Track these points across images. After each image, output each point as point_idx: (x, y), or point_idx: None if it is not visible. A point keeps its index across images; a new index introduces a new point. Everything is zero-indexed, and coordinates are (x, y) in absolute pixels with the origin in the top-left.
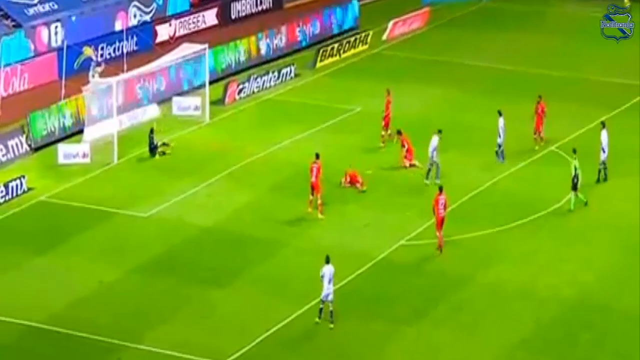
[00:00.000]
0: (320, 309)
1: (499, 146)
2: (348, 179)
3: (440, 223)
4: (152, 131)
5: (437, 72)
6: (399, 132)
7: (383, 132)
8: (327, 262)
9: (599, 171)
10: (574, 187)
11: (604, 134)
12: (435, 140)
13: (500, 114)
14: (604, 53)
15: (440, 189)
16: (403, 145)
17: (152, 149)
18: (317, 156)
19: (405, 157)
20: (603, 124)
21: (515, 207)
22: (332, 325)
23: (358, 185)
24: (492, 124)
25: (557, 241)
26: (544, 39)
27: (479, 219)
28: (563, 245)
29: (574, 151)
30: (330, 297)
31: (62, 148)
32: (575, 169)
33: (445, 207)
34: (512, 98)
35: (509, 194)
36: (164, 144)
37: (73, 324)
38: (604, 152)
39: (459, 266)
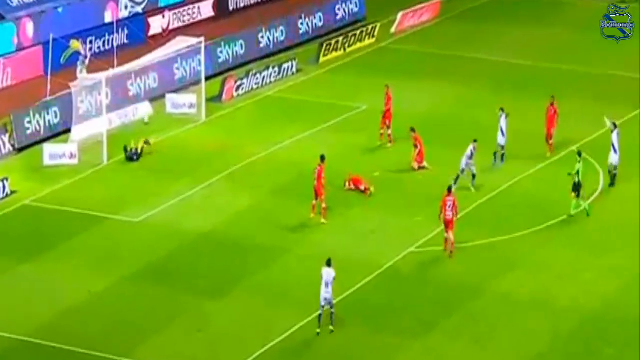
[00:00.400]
0: (319, 316)
1: (502, 147)
2: (351, 185)
3: (448, 225)
4: (125, 149)
5: (448, 67)
6: (412, 130)
7: (389, 131)
8: (328, 265)
9: (614, 176)
10: (578, 193)
11: (615, 136)
12: (469, 149)
13: (502, 110)
14: (627, 47)
15: (449, 190)
16: (415, 146)
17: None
18: (322, 158)
19: (416, 159)
20: (615, 125)
21: (533, 211)
22: (332, 328)
23: (361, 187)
24: (510, 120)
25: (577, 248)
26: (562, 32)
27: (494, 223)
28: (583, 252)
29: (579, 154)
30: (330, 303)
31: (48, 148)
32: (578, 173)
33: (453, 209)
34: (528, 95)
35: (526, 197)
36: (145, 142)
37: (60, 336)
38: (615, 154)
39: (471, 275)
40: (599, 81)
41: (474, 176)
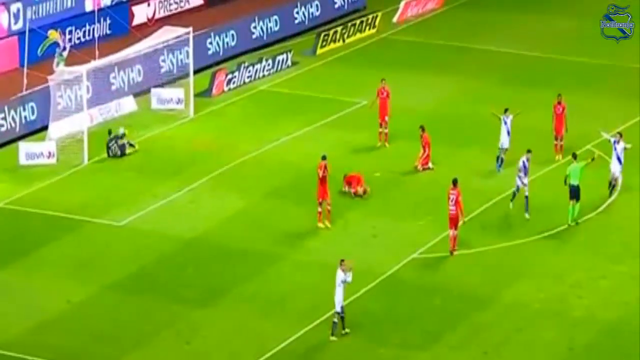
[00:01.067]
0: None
1: (506, 150)
2: (345, 186)
3: (452, 222)
4: (110, 132)
5: (453, 60)
6: (422, 129)
7: (386, 130)
8: (339, 265)
9: (613, 186)
10: (577, 198)
11: (620, 146)
12: (521, 161)
13: (507, 111)
14: None
15: (454, 182)
16: (423, 146)
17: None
18: (323, 158)
19: (421, 160)
20: (620, 134)
21: (544, 215)
22: (332, 338)
23: (353, 190)
24: (517, 117)
25: (592, 254)
26: (578, 21)
27: (504, 228)
28: (598, 259)
29: (574, 156)
30: (337, 307)
31: (24, 147)
32: (568, 176)
33: (457, 204)
34: (539, 89)
35: (538, 199)
36: (130, 144)
37: (37, 349)
38: (620, 164)
39: (479, 283)
40: (622, 74)
41: (526, 198)
